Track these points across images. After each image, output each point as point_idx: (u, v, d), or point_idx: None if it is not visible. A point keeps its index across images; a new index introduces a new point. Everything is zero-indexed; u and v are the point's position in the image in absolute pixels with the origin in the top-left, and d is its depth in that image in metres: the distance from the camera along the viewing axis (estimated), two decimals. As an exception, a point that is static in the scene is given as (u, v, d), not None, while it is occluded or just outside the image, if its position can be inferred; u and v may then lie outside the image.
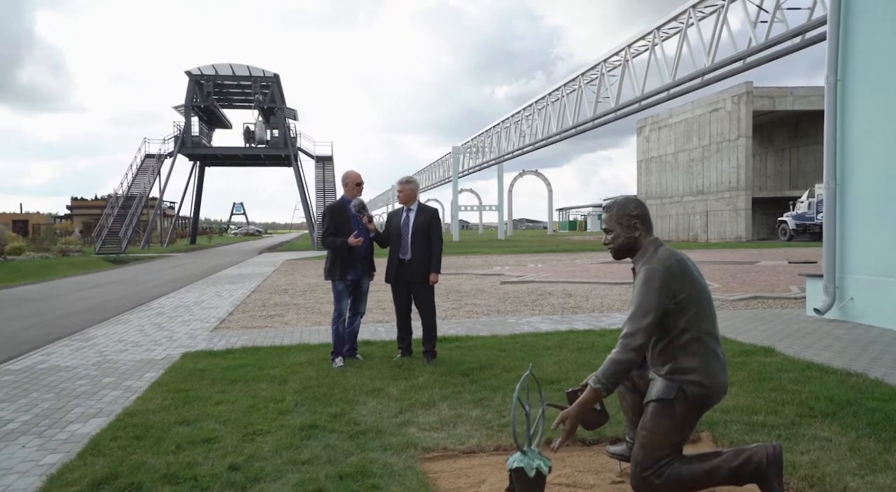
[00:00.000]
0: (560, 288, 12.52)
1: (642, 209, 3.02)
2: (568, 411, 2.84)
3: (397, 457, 3.54)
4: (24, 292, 15.09)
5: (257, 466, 3.37)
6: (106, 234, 35.36)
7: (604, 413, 3.11)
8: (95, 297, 13.41)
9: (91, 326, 8.80)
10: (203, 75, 40.55)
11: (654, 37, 26.44)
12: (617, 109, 29.82)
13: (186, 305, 11.02)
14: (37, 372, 5.93)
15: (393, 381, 5.18)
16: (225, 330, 8.21)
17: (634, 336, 2.77)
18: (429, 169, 60.64)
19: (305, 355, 6.20)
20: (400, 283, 5.99)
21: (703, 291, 2.89)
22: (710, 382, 2.78)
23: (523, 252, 28.90)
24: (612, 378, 2.78)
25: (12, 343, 7.78)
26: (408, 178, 6.05)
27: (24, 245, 30.57)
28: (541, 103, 37.49)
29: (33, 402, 4.87)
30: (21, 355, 6.83)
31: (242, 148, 42.20)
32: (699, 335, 2.81)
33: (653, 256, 2.92)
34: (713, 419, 4.01)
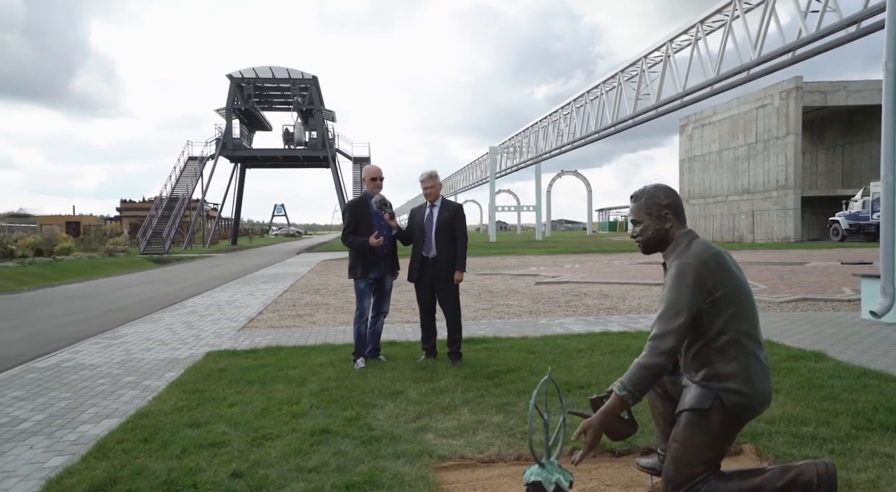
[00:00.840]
0: (596, 289, 12.14)
1: (674, 198, 2.73)
2: (590, 421, 2.57)
3: (410, 465, 3.31)
4: (67, 290, 15.40)
5: (261, 473, 3.18)
6: (150, 234, 36.17)
7: (632, 423, 2.84)
8: (133, 295, 13.58)
9: (122, 325, 8.83)
10: (244, 78, 41.17)
11: (698, 31, 25.68)
12: (658, 106, 29.09)
13: (218, 304, 11.02)
14: (61, 370, 5.90)
15: (414, 383, 4.96)
16: (252, 329, 8.12)
17: (664, 338, 2.49)
18: (466, 170, 60.34)
19: (328, 356, 6.03)
20: (424, 281, 5.77)
21: (742, 288, 2.58)
22: (750, 389, 2.48)
23: (560, 253, 28.42)
24: (640, 385, 2.50)
25: (45, 340, 7.84)
26: (432, 173, 5.82)
27: (73, 245, 31.46)
28: (579, 102, 36.88)
29: (50, 401, 4.81)
30: (50, 353, 6.85)
31: (281, 150, 42.68)
32: (738, 338, 2.51)
33: (686, 249, 2.63)
34: (756, 430, 3.67)
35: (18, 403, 4.77)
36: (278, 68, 41.06)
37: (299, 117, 43.22)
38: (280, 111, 47.35)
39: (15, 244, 28.28)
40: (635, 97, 30.89)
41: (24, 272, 20.03)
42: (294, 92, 41.69)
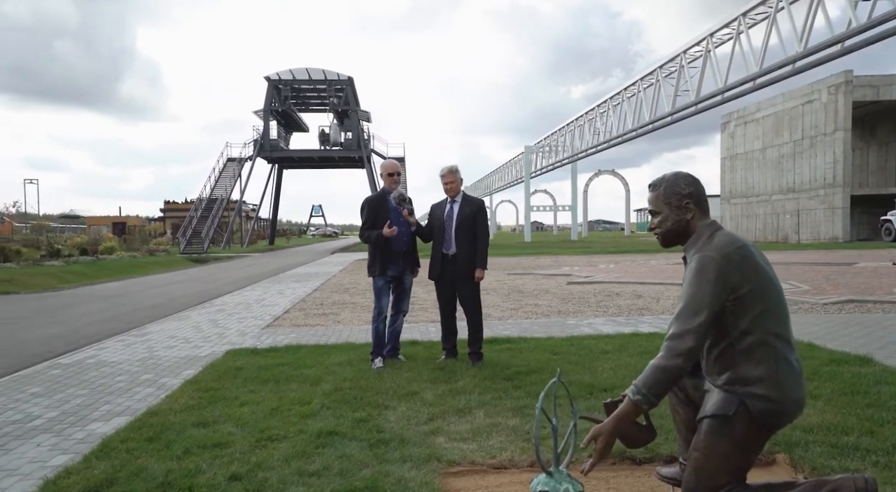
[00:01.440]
0: (630, 289, 11.80)
1: (696, 187, 2.51)
2: (601, 427, 2.37)
3: (416, 470, 3.15)
4: (105, 289, 15.71)
5: (261, 476, 3.06)
6: (190, 234, 36.85)
7: (650, 429, 2.62)
8: (167, 294, 13.75)
9: (150, 322, 8.89)
10: (281, 80, 41.65)
11: (740, 24, 24.93)
12: (697, 103, 28.37)
13: (247, 303, 11.05)
14: (83, 367, 5.92)
15: (431, 384, 4.80)
16: (276, 327, 8.08)
17: (683, 338, 2.27)
18: (501, 170, 60.01)
19: (346, 355, 5.92)
20: (444, 279, 5.61)
21: (771, 285, 2.35)
22: (779, 395, 2.25)
23: (596, 253, 27.93)
24: (655, 388, 2.29)
25: (75, 337, 7.92)
26: (452, 167, 5.65)
27: (116, 245, 32.25)
28: (616, 99, 36.25)
29: (67, 398, 4.79)
30: (76, 349, 6.90)
31: (317, 150, 43.05)
32: (766, 338, 2.28)
33: (708, 241, 2.41)
34: (791, 439, 3.41)
35: (35, 399, 4.77)
36: (314, 70, 41.43)
37: (335, 118, 43.52)
38: (316, 112, 47.77)
39: (62, 244, 29.17)
40: (674, 94, 30.20)
41: (68, 271, 20.53)
42: (330, 93, 42.00)
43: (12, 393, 4.97)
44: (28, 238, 31.02)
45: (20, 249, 24.43)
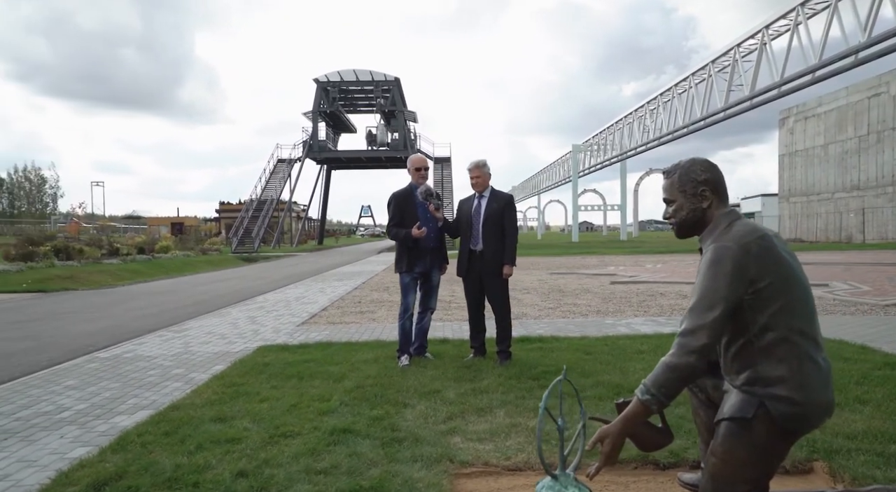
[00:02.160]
0: (675, 289, 11.43)
1: (713, 173, 2.33)
2: (608, 428, 2.23)
3: (426, 471, 3.05)
4: (156, 286, 16.17)
5: (267, 473, 3.01)
6: (241, 234, 37.72)
7: (666, 432, 2.46)
8: (212, 291, 14.05)
9: (191, 319, 9.06)
10: (329, 82, 42.22)
11: (798, 15, 23.96)
12: (752, 98, 27.39)
13: (287, 300, 11.17)
14: (119, 361, 6.04)
15: (454, 382, 4.70)
16: (312, 324, 8.11)
17: (696, 334, 2.10)
18: (549, 169, 59.37)
19: (374, 352, 5.87)
20: (471, 276, 5.50)
21: (795, 279, 2.16)
22: (803, 397, 2.06)
23: (644, 253, 27.30)
24: (666, 388, 2.13)
25: (119, 332, 8.11)
26: (479, 162, 5.53)
27: (171, 245, 33.28)
28: (666, 96, 35.37)
29: (98, 390, 4.88)
30: (116, 344, 7.06)
31: (365, 151, 43.46)
32: (788, 335, 2.09)
33: (725, 231, 2.24)
34: (833, 446, 3.17)
35: (69, 391, 4.87)
36: (362, 71, 41.84)
37: (382, 119, 43.86)
38: (364, 113, 48.26)
39: (121, 243, 30.27)
40: (727, 89, 29.25)
41: (124, 269, 21.25)
42: (377, 94, 42.35)
43: (49, 385, 5.09)
44: (92, 238, 32.35)
45: (83, 248, 25.37)
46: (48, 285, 15.44)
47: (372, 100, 44.01)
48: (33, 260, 20.56)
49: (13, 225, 65.51)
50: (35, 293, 14.12)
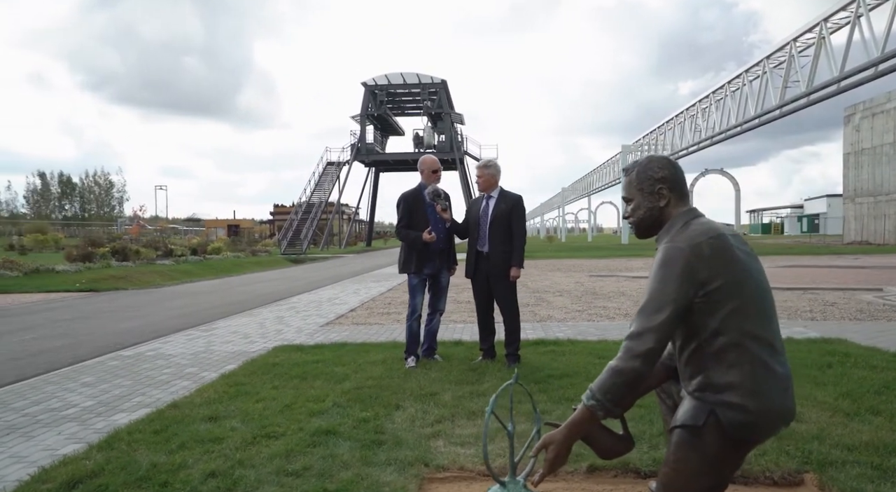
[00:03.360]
0: (714, 292, 11.02)
1: (671, 170, 2.22)
2: (552, 435, 2.14)
3: (399, 474, 3.00)
4: (200, 286, 16.63)
5: (238, 474, 3.01)
6: (290, 236, 38.51)
7: (627, 439, 2.35)
8: (252, 291, 14.34)
9: (223, 318, 9.26)
10: (377, 85, 42.67)
11: (859, 6, 22.84)
12: (809, 94, 26.26)
13: (319, 301, 11.29)
14: (140, 359, 6.20)
15: (454, 385, 4.63)
16: (335, 325, 8.16)
17: (642, 338, 2.00)
18: (600, 170, 58.40)
19: (385, 354, 5.85)
20: (479, 278, 5.42)
21: (750, 279, 2.03)
22: (755, 405, 1.94)
23: (695, 255, 26.47)
24: (611, 393, 2.03)
25: (150, 331, 8.34)
26: (487, 161, 5.46)
27: (222, 246, 34.27)
28: (719, 94, 34.28)
29: (110, 388, 5.01)
30: (144, 342, 7.27)
31: (412, 153, 43.72)
32: (739, 340, 1.97)
33: (680, 231, 2.12)
34: (829, 457, 2.99)
35: (82, 388, 5.02)
36: (409, 74, 42.13)
37: (429, 121, 44.06)
38: (412, 116, 48.58)
39: (175, 245, 31.35)
40: (782, 85, 28.15)
41: (175, 269, 21.95)
42: (424, 96, 42.56)
43: (66, 382, 5.26)
44: (149, 240, 33.64)
45: (139, 250, 26.37)
46: (100, 285, 16.06)
47: (419, 102, 44.27)
48: (92, 261, 21.49)
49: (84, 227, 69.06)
50: (87, 293, 14.71)
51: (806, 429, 3.43)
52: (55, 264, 19.91)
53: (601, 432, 2.32)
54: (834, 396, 4.05)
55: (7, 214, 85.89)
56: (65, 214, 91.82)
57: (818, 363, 4.97)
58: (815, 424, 3.52)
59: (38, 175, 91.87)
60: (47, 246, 38.53)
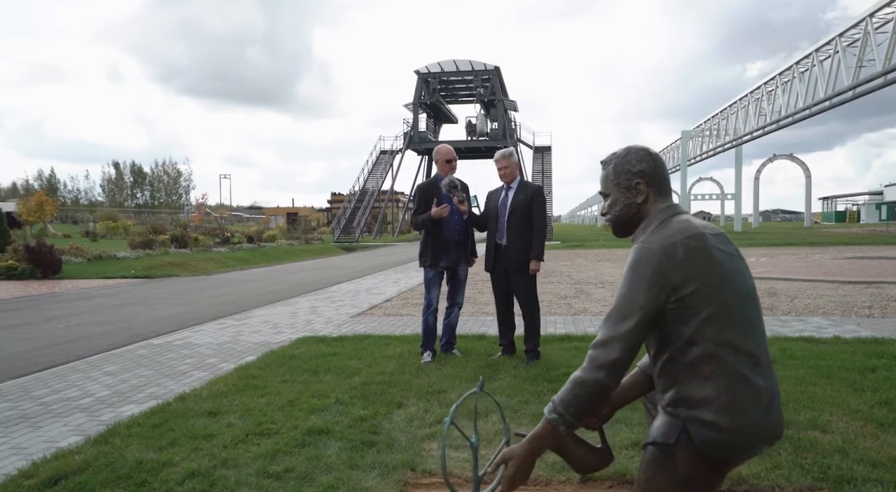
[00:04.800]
0: (766, 286, 10.47)
1: (650, 163, 2.00)
2: (513, 450, 1.99)
3: (381, 479, 2.88)
4: (248, 274, 16.97)
5: (218, 474, 2.94)
6: (344, 224, 38.98)
7: (605, 452, 2.17)
8: (297, 280, 14.52)
9: (259, 307, 9.36)
10: (430, 73, 42.53)
11: (939, -22, 21.22)
12: (886, 73, 24.64)
13: (357, 291, 11.30)
14: (167, 348, 6.29)
15: (465, 383, 4.48)
16: (367, 316, 8.12)
17: (607, 347, 1.82)
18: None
19: (404, 347, 5.74)
20: (498, 271, 5.23)
21: (728, 284, 1.81)
22: (731, 422, 1.74)
23: (756, 245, 25.42)
24: (574, 406, 1.86)
25: (185, 319, 8.48)
26: (508, 152, 5.25)
27: (277, 234, 35.02)
28: (785, 76, 32.61)
29: (129, 378, 5.07)
30: (177, 330, 7.40)
31: (464, 141, 43.46)
32: (715, 351, 1.76)
33: (656, 231, 1.91)
34: (850, 474, 2.71)
35: (104, 377, 5.11)
36: (462, 61, 41.80)
37: (481, 108, 43.67)
38: (465, 103, 48.24)
39: (232, 232, 32.23)
40: (856, 65, 26.51)
41: (230, 257, 22.52)
42: (476, 83, 42.18)
43: (90, 370, 5.37)
44: (208, 228, 34.72)
45: (198, 237, 27.21)
46: (155, 272, 16.59)
47: (472, 90, 43.91)
48: (151, 248, 22.29)
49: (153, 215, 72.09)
50: (141, 279, 15.21)
51: (829, 440, 3.13)
52: (118, 251, 20.71)
53: (576, 445, 2.15)
54: (870, 403, 3.70)
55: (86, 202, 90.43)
56: (137, 202, 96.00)
57: (861, 366, 4.58)
58: (841, 434, 3.21)
59: (113, 165, 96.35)
60: (118, 233, 40.21)
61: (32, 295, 11.77)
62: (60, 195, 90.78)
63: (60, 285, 13.63)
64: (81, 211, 76.13)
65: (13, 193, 79.63)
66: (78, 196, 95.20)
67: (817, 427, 3.33)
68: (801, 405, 3.68)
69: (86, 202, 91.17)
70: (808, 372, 4.44)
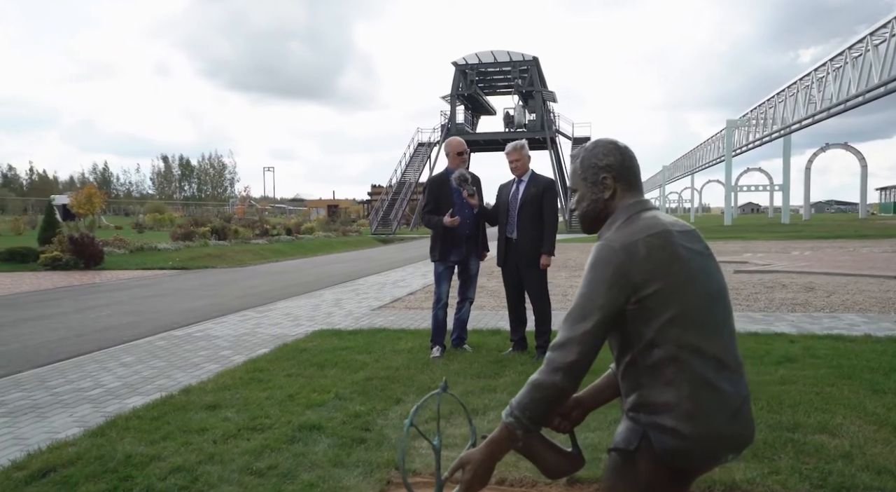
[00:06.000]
0: (805, 280, 10.07)
1: (617, 157, 1.88)
2: (470, 454, 1.89)
3: (363, 478, 2.84)
4: (281, 266, 17.19)
5: (202, 470, 2.94)
6: (381, 216, 39.21)
7: (576, 456, 2.05)
8: (327, 272, 14.63)
9: (284, 299, 9.44)
10: (468, 65, 42.32)
11: None
12: (944, 57, 23.42)
13: (383, 283, 11.32)
14: (186, 340, 6.38)
15: (471, 379, 4.41)
16: (387, 309, 8.11)
17: (564, 349, 1.71)
18: (703, 146, 55.31)
19: (415, 342, 5.69)
20: (508, 266, 5.13)
21: (694, 283, 1.70)
22: (692, 429, 1.62)
23: (802, 238, 24.56)
24: (530, 411, 1.76)
25: (210, 311, 8.58)
26: (517, 144, 5.12)
27: (315, 226, 35.44)
28: (837, 62, 31.32)
29: (142, 369, 5.14)
30: (200, 321, 7.51)
31: (502, 133, 43.15)
32: (677, 354, 1.65)
33: (620, 228, 1.79)
34: (852, 481, 2.59)
35: (119, 368, 5.20)
36: (500, 52, 41.45)
37: (520, 100, 43.26)
38: (503, 95, 47.86)
39: (271, 224, 32.74)
40: (913, 48, 25.26)
41: (268, 249, 22.87)
42: (514, 74, 41.79)
43: (108, 361, 5.48)
44: (248, 220, 35.35)
45: (237, 229, 27.71)
46: (192, 263, 16.95)
47: (510, 81, 43.53)
48: (192, 240, 22.79)
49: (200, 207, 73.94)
50: (178, 270, 15.56)
51: (836, 444, 2.95)
52: (159, 242, 21.24)
53: (545, 449, 2.04)
54: (888, 406, 3.49)
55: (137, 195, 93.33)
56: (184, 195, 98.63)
57: (887, 367, 4.34)
58: (850, 439, 3.02)
59: (162, 158, 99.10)
60: (164, 224, 41.34)
61: (74, 285, 12.14)
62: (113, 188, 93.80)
63: (101, 276, 14.04)
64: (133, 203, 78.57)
65: (70, 186, 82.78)
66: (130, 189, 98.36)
67: (826, 431, 3.15)
68: (813, 407, 3.49)
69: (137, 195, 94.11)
70: (827, 372, 4.23)
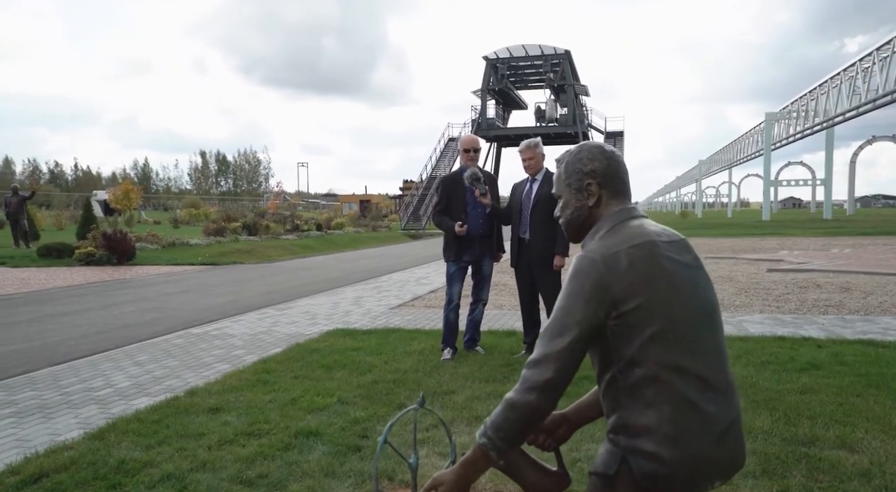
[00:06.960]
0: (841, 280, 9.68)
1: (602, 162, 1.75)
2: (443, 475, 1.79)
3: (352, 489, 2.75)
4: (311, 261, 17.27)
5: (191, 478, 2.88)
6: (412, 211, 39.23)
7: (561, 475, 1.94)
8: (352, 268, 14.64)
9: (305, 297, 9.43)
10: (498, 59, 41.99)
11: None
12: None
13: (406, 280, 11.25)
14: (204, 338, 6.39)
15: (479, 383, 4.30)
16: (405, 308, 8.03)
17: (540, 366, 1.61)
18: (742, 140, 53.96)
19: (428, 342, 5.60)
20: (521, 266, 5.00)
21: (677, 299, 1.57)
22: (673, 454, 1.51)
23: (843, 234, 23.78)
24: (504, 431, 1.65)
25: (229, 308, 8.58)
26: (531, 142, 4.98)
27: (345, 221, 35.62)
28: (884, 51, 30.13)
29: (154, 369, 5.14)
30: (219, 319, 7.53)
31: (533, 127, 42.75)
32: (658, 373, 1.53)
33: (604, 237, 1.68)
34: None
35: (132, 367, 5.21)
36: (531, 46, 41.02)
37: (551, 94, 42.79)
38: (534, 89, 47.41)
39: (301, 219, 33.01)
40: (963, 36, 24.18)
41: (297, 244, 23.05)
42: (546, 68, 41.33)
43: (123, 359, 5.50)
44: (279, 215, 35.71)
45: (269, 224, 28.01)
46: (222, 259, 17.12)
47: (542, 75, 43.07)
48: (223, 235, 23.09)
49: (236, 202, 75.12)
50: (206, 266, 15.74)
51: (854, 461, 2.76)
52: (191, 238, 21.55)
53: (528, 467, 1.93)
54: (919, 423, 3.27)
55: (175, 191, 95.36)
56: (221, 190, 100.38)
57: (921, 379, 4.08)
58: (870, 455, 2.83)
59: (199, 154, 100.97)
60: (200, 220, 42.02)
61: (105, 281, 12.35)
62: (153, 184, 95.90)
63: (132, 272, 14.27)
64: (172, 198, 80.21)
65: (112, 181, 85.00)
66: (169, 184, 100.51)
67: (845, 446, 2.95)
68: (834, 420, 3.29)
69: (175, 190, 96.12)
70: (854, 380, 4.00)
